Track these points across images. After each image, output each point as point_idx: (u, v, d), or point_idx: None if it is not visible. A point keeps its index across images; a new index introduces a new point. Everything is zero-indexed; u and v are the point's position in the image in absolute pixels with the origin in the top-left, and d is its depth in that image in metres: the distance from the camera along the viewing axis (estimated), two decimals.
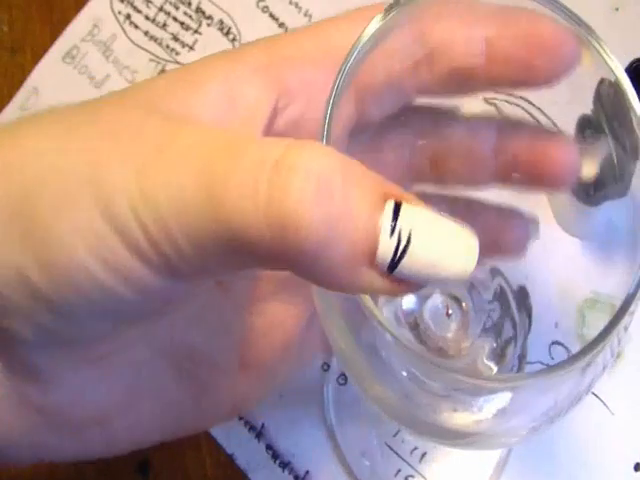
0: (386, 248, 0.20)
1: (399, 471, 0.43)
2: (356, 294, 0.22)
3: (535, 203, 0.30)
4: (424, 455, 0.43)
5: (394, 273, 0.20)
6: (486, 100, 0.33)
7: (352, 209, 0.20)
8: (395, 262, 0.20)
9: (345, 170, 0.20)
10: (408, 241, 0.20)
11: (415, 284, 0.21)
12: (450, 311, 0.36)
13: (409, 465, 0.43)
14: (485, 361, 0.35)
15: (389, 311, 0.22)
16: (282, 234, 0.19)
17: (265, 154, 0.20)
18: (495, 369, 0.34)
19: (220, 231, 0.20)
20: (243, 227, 0.19)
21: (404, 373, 0.26)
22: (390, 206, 0.20)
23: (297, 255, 0.20)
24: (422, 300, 0.36)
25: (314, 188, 0.19)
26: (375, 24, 0.24)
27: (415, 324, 0.35)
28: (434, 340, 0.35)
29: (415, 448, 0.43)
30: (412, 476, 0.42)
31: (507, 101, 0.33)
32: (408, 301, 0.36)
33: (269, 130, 0.26)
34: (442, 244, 0.21)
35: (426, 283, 0.21)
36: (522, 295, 0.33)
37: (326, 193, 0.19)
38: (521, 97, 0.33)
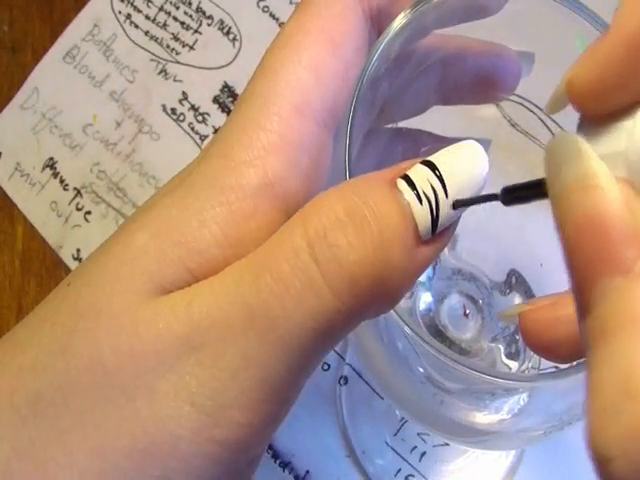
0: (423, 218, 0.21)
1: (399, 470, 0.43)
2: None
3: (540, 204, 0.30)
4: (424, 454, 0.43)
5: (437, 229, 0.21)
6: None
7: (385, 220, 0.20)
8: (435, 219, 0.21)
9: (357, 194, 0.20)
10: (435, 193, 0.21)
11: (454, 224, 0.22)
12: (468, 311, 0.36)
13: (409, 464, 0.43)
14: (504, 360, 0.35)
15: (405, 311, 0.22)
16: (354, 296, 0.20)
17: (292, 240, 0.20)
18: (514, 368, 0.34)
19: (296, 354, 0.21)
20: (317, 327, 0.20)
21: (421, 370, 0.26)
22: (402, 184, 0.21)
23: (371, 296, 0.21)
24: (439, 300, 0.36)
25: (356, 236, 0.20)
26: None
27: (432, 324, 0.35)
28: (452, 340, 0.35)
29: (414, 447, 0.43)
30: (412, 475, 0.42)
31: (510, 100, 0.33)
32: (425, 301, 0.36)
33: None
34: (457, 170, 0.21)
35: (464, 211, 0.22)
36: (535, 291, 0.33)
37: (363, 230, 0.20)
38: (524, 97, 0.33)
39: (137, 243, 0.22)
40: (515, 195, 0.19)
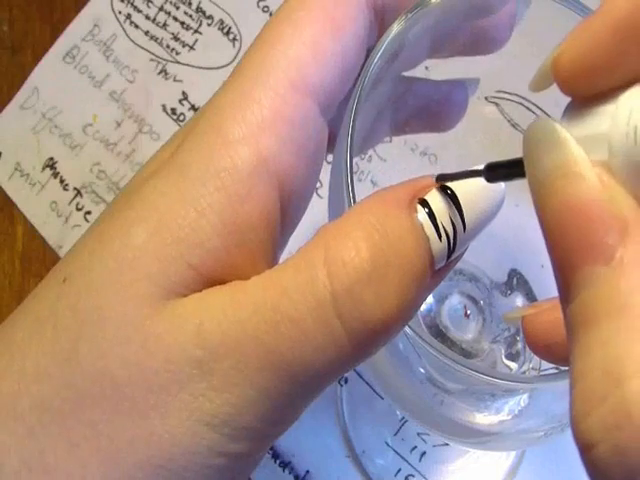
0: (441, 253, 0.21)
1: (399, 470, 0.43)
2: None
3: None
4: (424, 454, 0.43)
5: (449, 259, 0.21)
6: (487, 99, 0.33)
7: (407, 263, 0.20)
8: (451, 252, 0.21)
9: (380, 232, 0.20)
10: (454, 229, 0.21)
11: (464, 251, 0.22)
12: (469, 311, 0.36)
13: (409, 464, 0.43)
14: (505, 361, 0.35)
15: None
16: (372, 344, 0.21)
17: (315, 287, 0.20)
18: (514, 369, 0.34)
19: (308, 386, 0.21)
20: (334, 372, 0.21)
21: (422, 370, 0.26)
22: (423, 215, 0.20)
23: (387, 339, 0.21)
24: (440, 301, 0.36)
25: (381, 290, 0.20)
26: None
27: (433, 325, 0.35)
28: (453, 341, 0.35)
29: (414, 447, 0.43)
30: (412, 475, 0.42)
31: (510, 100, 0.33)
32: (426, 302, 0.36)
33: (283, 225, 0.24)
34: (476, 200, 0.21)
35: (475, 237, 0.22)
36: (536, 292, 0.33)
37: (387, 281, 0.20)
38: (523, 97, 0.33)
39: (136, 241, 0.22)
40: (498, 172, 0.19)
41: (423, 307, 0.36)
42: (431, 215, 0.20)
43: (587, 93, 0.17)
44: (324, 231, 0.21)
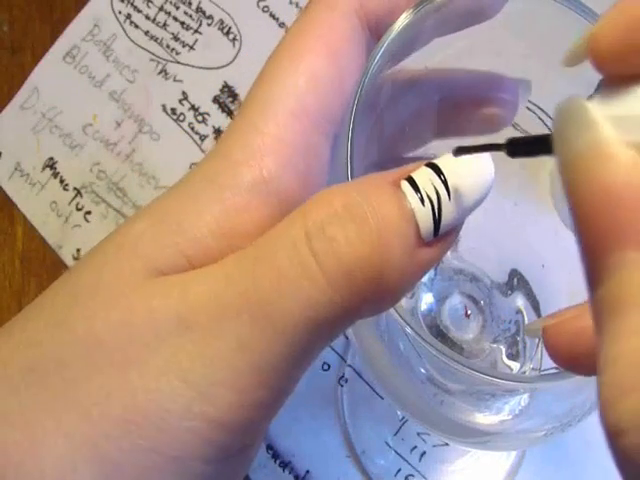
0: (425, 219, 0.21)
1: (399, 470, 0.43)
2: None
3: (540, 202, 0.30)
4: (423, 454, 0.43)
5: (440, 231, 0.21)
6: None
7: (385, 220, 0.21)
8: (437, 221, 0.21)
9: (359, 193, 0.21)
10: (438, 196, 0.21)
11: (458, 228, 0.22)
12: (469, 311, 0.36)
13: (409, 464, 0.43)
14: (505, 361, 0.35)
15: (406, 312, 0.22)
16: (351, 290, 0.21)
17: (292, 229, 0.21)
18: (515, 369, 0.34)
19: (291, 341, 0.21)
20: (312, 317, 0.21)
21: (422, 370, 0.26)
22: (405, 185, 0.21)
23: (369, 292, 0.21)
24: (440, 301, 0.36)
25: (355, 232, 0.20)
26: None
27: (434, 325, 0.35)
28: (454, 341, 0.35)
29: (414, 447, 0.43)
30: (412, 475, 0.42)
31: None
32: (426, 302, 0.36)
33: None
34: (461, 174, 0.21)
35: (467, 215, 0.22)
36: (537, 292, 0.33)
37: (362, 227, 0.20)
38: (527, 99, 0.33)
39: (135, 231, 0.23)
40: (520, 148, 0.19)
41: (423, 307, 0.36)
42: (414, 185, 0.21)
43: (622, 73, 0.17)
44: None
